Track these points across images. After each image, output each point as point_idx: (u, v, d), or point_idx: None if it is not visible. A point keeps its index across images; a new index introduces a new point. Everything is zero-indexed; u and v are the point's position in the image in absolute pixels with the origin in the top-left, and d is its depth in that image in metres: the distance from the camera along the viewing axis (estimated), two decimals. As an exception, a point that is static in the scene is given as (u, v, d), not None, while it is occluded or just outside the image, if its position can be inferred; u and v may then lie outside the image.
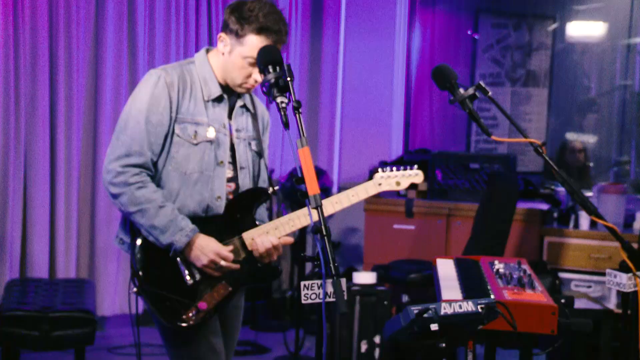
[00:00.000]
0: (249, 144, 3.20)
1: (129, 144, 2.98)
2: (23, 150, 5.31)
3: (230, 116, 3.15)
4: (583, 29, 7.68)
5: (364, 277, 4.90)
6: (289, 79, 2.57)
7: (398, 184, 3.27)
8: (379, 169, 3.27)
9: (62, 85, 5.43)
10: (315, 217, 2.38)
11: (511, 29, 7.56)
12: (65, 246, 5.55)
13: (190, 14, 6.08)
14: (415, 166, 3.30)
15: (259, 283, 3.25)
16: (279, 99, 2.56)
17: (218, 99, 3.10)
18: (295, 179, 2.66)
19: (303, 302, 2.53)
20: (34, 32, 5.29)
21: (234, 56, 3.03)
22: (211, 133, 3.06)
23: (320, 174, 6.81)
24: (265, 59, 2.65)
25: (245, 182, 3.18)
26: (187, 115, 3.04)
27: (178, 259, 3.04)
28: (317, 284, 2.51)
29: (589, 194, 5.94)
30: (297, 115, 2.48)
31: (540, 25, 7.59)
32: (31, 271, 5.42)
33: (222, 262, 3.01)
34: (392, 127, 7.10)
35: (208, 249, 3.00)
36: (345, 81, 7.12)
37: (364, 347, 4.68)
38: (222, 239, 3.07)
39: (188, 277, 3.04)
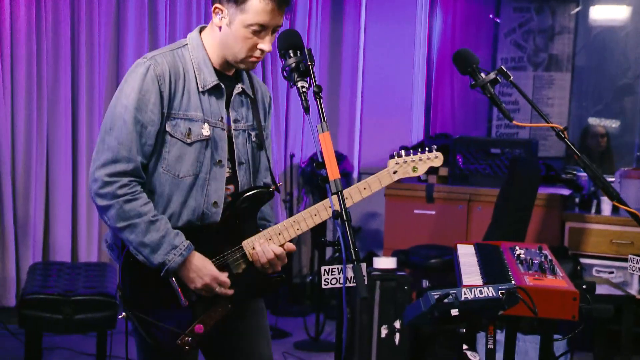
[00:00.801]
0: (249, 135, 2.87)
1: (115, 148, 2.64)
2: (45, 136, 5.34)
3: (227, 106, 2.82)
4: (607, 13, 7.61)
5: (385, 262, 4.90)
6: (309, 63, 2.51)
7: (415, 169, 2.96)
8: (395, 155, 2.96)
9: (84, 72, 5.45)
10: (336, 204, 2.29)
11: (533, 13, 7.50)
12: (87, 230, 5.59)
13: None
14: (434, 147, 3.01)
15: (263, 296, 2.95)
16: (299, 84, 2.50)
17: (214, 88, 2.77)
18: (315, 163, 2.66)
19: (323, 286, 2.54)
20: (56, 20, 5.31)
21: (235, 27, 2.70)
22: (206, 130, 2.73)
23: (341, 158, 6.81)
24: (286, 44, 2.58)
25: (245, 179, 2.86)
26: (180, 111, 2.71)
27: (172, 279, 2.71)
28: (338, 269, 2.51)
29: (611, 179, 5.90)
30: (317, 100, 2.45)
31: (563, 9, 7.53)
32: (54, 255, 5.46)
33: (218, 289, 2.72)
34: (413, 112, 7.08)
35: (204, 271, 2.70)
36: (365, 66, 7.10)
37: (384, 332, 4.68)
38: (220, 250, 2.77)
39: (183, 298, 2.72)
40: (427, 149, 3.00)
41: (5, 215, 5.20)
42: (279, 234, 2.79)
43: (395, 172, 2.92)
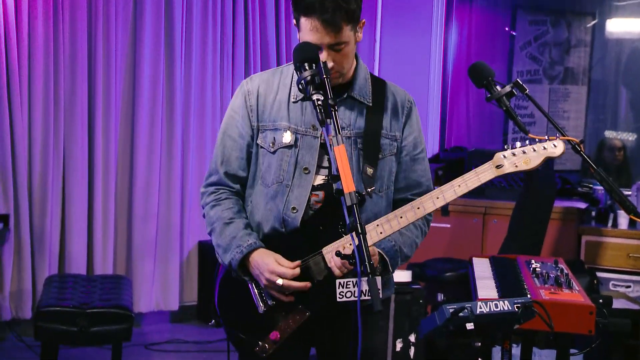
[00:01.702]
0: (355, 141, 2.78)
1: (211, 163, 2.89)
2: (62, 149, 5.36)
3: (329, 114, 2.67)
4: (623, 25, 7.58)
5: (399, 276, 4.88)
6: (325, 76, 2.51)
7: (527, 162, 2.68)
8: (506, 146, 2.68)
9: (100, 86, 5.48)
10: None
11: (549, 26, 7.49)
12: (102, 243, 5.61)
13: (227, 13, 6.10)
14: (558, 135, 2.66)
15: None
16: (315, 97, 2.49)
17: (307, 97, 2.68)
18: (331, 176, 2.66)
19: (338, 300, 2.53)
20: (73, 34, 5.34)
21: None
22: (288, 137, 2.76)
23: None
24: (300, 57, 2.59)
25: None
26: (269, 122, 2.80)
27: (251, 284, 2.75)
28: (353, 282, 2.50)
29: (627, 192, 5.87)
30: (333, 113, 2.46)
31: (579, 22, 7.51)
32: (69, 267, 5.48)
33: (279, 281, 2.65)
34: (429, 125, 7.07)
35: (263, 267, 2.68)
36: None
37: (399, 345, 4.66)
38: (302, 257, 2.71)
39: (260, 304, 2.74)
40: (546, 138, 2.67)
41: (21, 228, 5.23)
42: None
43: (499, 167, 2.72)
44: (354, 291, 2.48)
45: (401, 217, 2.70)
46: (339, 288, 2.51)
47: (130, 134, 5.73)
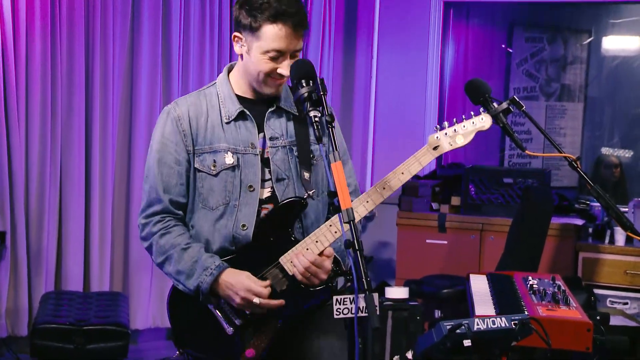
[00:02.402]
0: (290, 149, 2.84)
1: (148, 193, 2.82)
2: (59, 166, 5.36)
3: (262, 128, 2.83)
4: (619, 43, 7.62)
5: (397, 292, 4.85)
6: (322, 93, 2.52)
7: (460, 139, 2.79)
8: (436, 128, 2.80)
9: (98, 102, 5.48)
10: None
11: (546, 43, 7.52)
12: (99, 259, 5.59)
13: (224, 27, 6.12)
14: (482, 109, 2.78)
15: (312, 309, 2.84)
16: (312, 113, 2.50)
17: (241, 117, 2.82)
18: (328, 192, 2.66)
19: (335, 316, 2.52)
20: (71, 47, 5.35)
21: (253, 54, 2.73)
22: (230, 158, 2.78)
23: (353, 188, 6.80)
24: (298, 73, 2.59)
25: (289, 195, 2.81)
26: (205, 145, 2.80)
27: (212, 307, 2.76)
28: (350, 298, 2.50)
29: (624, 209, 5.87)
30: (330, 129, 2.47)
31: (575, 39, 7.54)
32: (66, 284, 5.46)
33: (256, 300, 2.68)
34: (426, 141, 7.07)
35: (238, 286, 2.68)
36: (378, 95, 7.11)
37: (396, 362, 4.65)
38: (259, 271, 2.75)
39: (227, 326, 2.75)
40: (472, 113, 2.79)
41: (18, 245, 5.21)
42: (316, 242, 2.73)
43: (436, 148, 2.83)
44: (351, 308, 2.48)
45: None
46: (336, 305, 2.51)
47: (128, 150, 5.73)
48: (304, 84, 2.56)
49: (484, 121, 2.77)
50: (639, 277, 5.59)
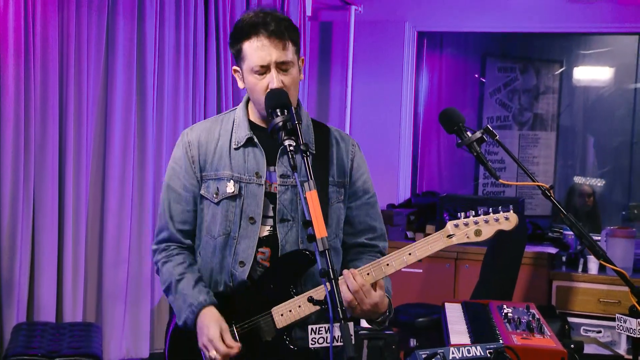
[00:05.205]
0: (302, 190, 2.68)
1: (159, 218, 2.84)
2: (32, 195, 5.31)
3: (273, 161, 2.75)
4: (590, 73, 7.72)
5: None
6: (296, 122, 2.50)
7: (478, 232, 2.65)
8: (460, 214, 2.64)
9: (71, 133, 5.45)
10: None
11: (518, 73, 7.60)
12: (72, 289, 5.54)
13: (199, 59, 6.13)
14: (511, 207, 2.66)
15: None
16: (286, 142, 2.48)
17: (249, 143, 2.75)
18: (303, 221, 2.65)
19: (311, 346, 2.51)
20: (45, 80, 5.32)
21: (246, 78, 2.71)
22: (231, 187, 2.72)
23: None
24: (272, 103, 2.57)
25: (291, 238, 2.73)
26: (211, 172, 2.76)
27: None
28: (325, 327, 2.49)
29: (597, 237, 5.91)
30: (305, 158, 2.45)
31: (547, 69, 7.64)
32: (38, 315, 5.40)
33: (212, 353, 2.62)
34: (400, 170, 7.11)
35: (204, 330, 2.66)
36: (353, 125, 7.15)
37: (372, 392, 4.63)
38: (250, 316, 2.70)
39: None
40: (491, 209, 2.66)
41: (-11, 275, 5.16)
42: (300, 306, 2.66)
43: (450, 236, 2.63)
44: (327, 337, 2.46)
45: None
46: (311, 334, 2.50)
47: (102, 180, 5.70)
48: (279, 113, 2.54)
49: (507, 221, 2.66)
50: (612, 305, 5.62)
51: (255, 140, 2.75)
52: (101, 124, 5.69)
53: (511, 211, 2.62)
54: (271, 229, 2.74)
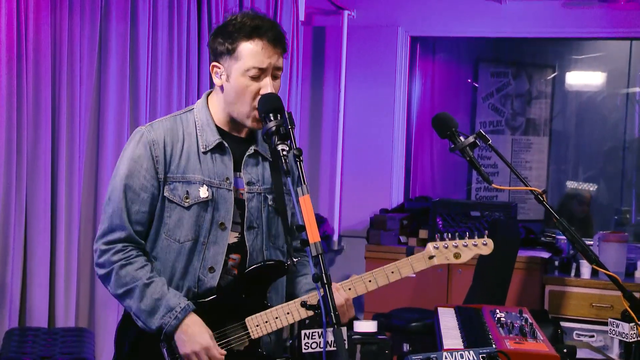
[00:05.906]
0: (265, 197, 2.76)
1: (110, 217, 2.67)
2: (24, 201, 5.30)
3: (238, 167, 2.75)
4: (582, 78, 7.74)
5: (365, 326, 4.86)
6: (290, 127, 2.49)
7: (457, 256, 2.77)
8: (437, 237, 2.76)
9: (64, 137, 5.44)
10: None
11: (511, 78, 7.62)
12: (64, 295, 5.52)
13: (192, 62, 6.12)
14: (486, 232, 2.83)
15: None
16: (280, 147, 2.46)
17: (218, 148, 2.72)
18: (296, 226, 2.65)
19: (304, 351, 2.51)
20: (37, 83, 5.31)
21: (233, 78, 2.66)
22: (204, 192, 2.67)
23: (322, 221, 6.80)
24: (266, 107, 2.56)
25: (257, 245, 2.74)
26: (177, 174, 2.68)
27: (164, 348, 2.64)
28: (318, 332, 2.49)
29: (590, 242, 5.92)
30: (298, 163, 2.45)
31: (540, 74, 7.65)
32: (30, 320, 5.38)
33: None
34: (393, 175, 7.11)
35: (197, 338, 2.60)
36: (346, 129, 7.15)
37: (365, 397, 4.63)
38: (223, 324, 2.67)
39: None
40: (476, 233, 2.80)
41: (-19, 280, 5.14)
42: (287, 313, 2.67)
43: (431, 257, 2.77)
44: (320, 342, 2.46)
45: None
46: (304, 339, 2.49)
47: (94, 184, 5.69)
48: (272, 118, 2.53)
49: (485, 246, 2.81)
50: (604, 309, 5.63)
51: (226, 145, 2.73)
52: (94, 127, 5.67)
53: (487, 238, 2.80)
54: (239, 235, 2.73)
